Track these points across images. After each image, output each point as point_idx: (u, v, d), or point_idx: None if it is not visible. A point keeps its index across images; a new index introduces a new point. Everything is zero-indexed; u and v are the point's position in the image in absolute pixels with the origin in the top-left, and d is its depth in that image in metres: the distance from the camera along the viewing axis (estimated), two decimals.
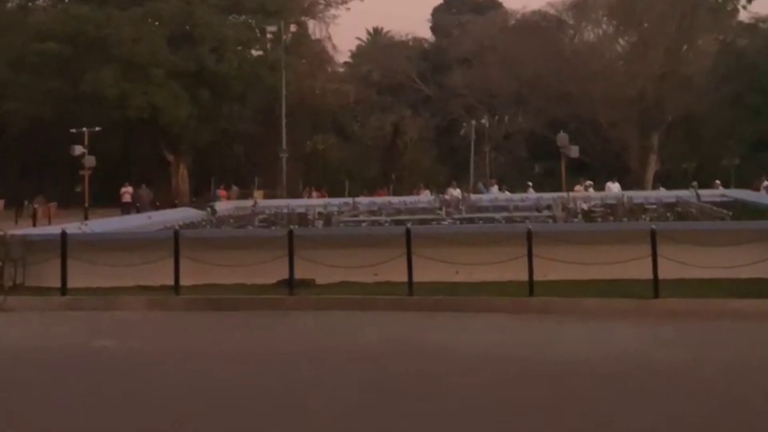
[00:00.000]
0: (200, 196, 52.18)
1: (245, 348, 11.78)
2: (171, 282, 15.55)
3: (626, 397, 8.71)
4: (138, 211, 41.90)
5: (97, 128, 48.11)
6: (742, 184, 42.92)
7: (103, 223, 23.20)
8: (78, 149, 46.34)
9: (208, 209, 27.53)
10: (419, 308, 14.25)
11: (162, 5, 57.04)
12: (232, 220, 25.38)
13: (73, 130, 47.75)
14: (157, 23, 58.72)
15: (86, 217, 36.38)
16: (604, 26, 65.32)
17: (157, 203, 46.34)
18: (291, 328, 13.41)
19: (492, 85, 62.51)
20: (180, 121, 56.24)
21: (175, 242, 15.78)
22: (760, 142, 56.63)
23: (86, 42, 54.99)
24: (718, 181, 41.02)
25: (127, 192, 48.15)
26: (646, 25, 60.93)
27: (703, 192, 30.55)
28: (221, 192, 48.62)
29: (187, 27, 59.16)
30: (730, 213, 21.14)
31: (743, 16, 63.20)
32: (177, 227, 18.23)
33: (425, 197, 36.62)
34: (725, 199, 28.22)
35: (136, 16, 56.31)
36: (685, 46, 60.89)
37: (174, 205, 42.89)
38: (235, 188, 49.52)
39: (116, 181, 48.88)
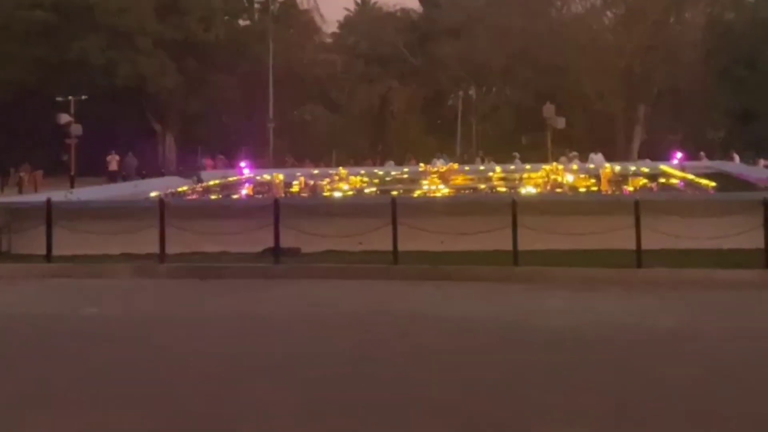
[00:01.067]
0: (186, 165, 51.94)
1: (226, 316, 11.78)
2: (156, 250, 15.50)
3: (609, 363, 8.75)
4: (124, 179, 41.76)
5: (83, 97, 47.78)
6: (727, 157, 43.04)
7: (89, 191, 23.12)
8: (64, 118, 46.08)
9: (194, 178, 27.46)
10: (404, 277, 14.26)
11: None
12: (218, 189, 25.31)
13: (60, 99, 47.40)
14: None
15: (72, 186, 36.28)
16: None
17: (144, 172, 46.15)
18: (275, 296, 13.39)
19: (480, 57, 62.06)
20: (167, 90, 55.91)
21: (161, 211, 15.73)
22: (745, 114, 56.70)
23: (73, 10, 54.47)
24: (702, 153, 41.08)
25: (113, 160, 47.94)
26: None
27: (688, 164, 30.63)
28: (207, 161, 48.41)
29: None
30: (714, 184, 21.19)
31: None
32: (163, 195, 18.19)
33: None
34: (710, 170, 28.30)
35: None
36: (672, 19, 60.73)
37: (160, 174, 42.75)
38: (221, 157, 49.29)
39: (103, 149, 48.57)
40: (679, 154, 34.28)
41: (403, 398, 7.59)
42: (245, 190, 25.16)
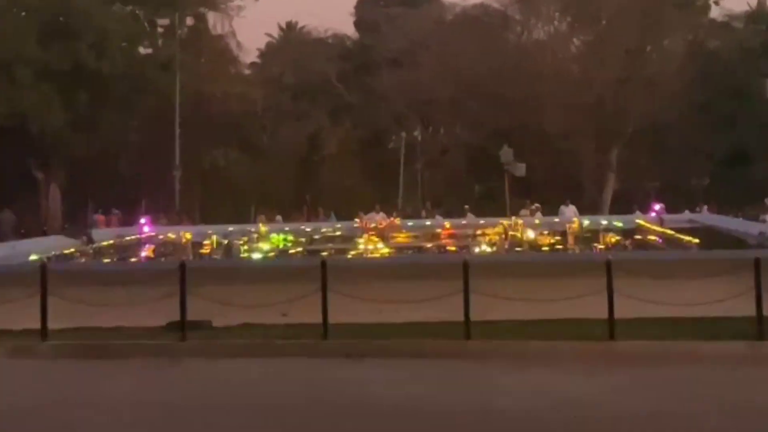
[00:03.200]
0: (74, 221, 51.38)
1: (115, 405, 11.63)
2: (37, 325, 15.31)
3: None
4: None
5: None
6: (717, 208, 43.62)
7: None
8: None
9: (84, 237, 27.25)
10: (335, 354, 14.28)
11: None
12: (112, 251, 25.16)
13: None
14: (24, 13, 57.85)
15: None
16: (556, 23, 66.10)
17: (22, 230, 45.53)
18: (179, 378, 13.33)
19: (426, 90, 62.67)
20: (51, 130, 55.30)
21: (42, 277, 15.56)
22: (734, 156, 57.64)
23: None
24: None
25: None
26: (604, 22, 61.91)
27: (668, 216, 31.21)
28: (99, 217, 47.96)
29: (62, 18, 58.35)
30: (697, 241, 21.64)
31: (715, 13, 64.72)
32: (46, 259, 18.02)
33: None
34: (692, 224, 28.90)
35: None
36: (648, 47, 61.98)
37: (43, 233, 42.22)
38: (116, 212, 48.85)
39: None
40: (657, 206, 34.95)
41: None
42: (145, 252, 25.06)
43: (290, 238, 28.37)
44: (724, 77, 59.03)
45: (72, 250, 24.44)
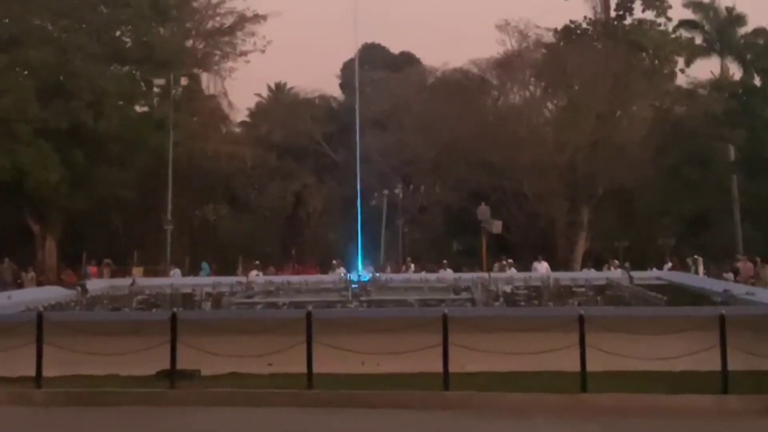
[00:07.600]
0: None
1: None
2: (32, 372, 15.19)
3: None
4: None
5: None
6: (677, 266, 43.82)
7: None
8: None
9: (79, 288, 27.07)
10: (319, 404, 14.22)
11: (32, 52, 56.15)
12: (105, 301, 25.01)
13: None
14: (25, 73, 57.82)
15: None
16: (531, 88, 66.63)
17: (19, 280, 45.25)
18: (168, 427, 13.20)
19: (407, 151, 63.07)
20: (49, 185, 55.05)
21: (38, 326, 15.46)
22: (699, 219, 58.00)
23: None
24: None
25: None
26: (576, 87, 62.40)
27: (636, 274, 31.22)
28: (91, 268, 47.77)
29: (61, 78, 58.31)
30: (665, 297, 21.65)
31: (681, 80, 65.35)
32: (41, 309, 17.88)
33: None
34: (660, 282, 28.93)
35: (0, 65, 55.45)
36: (618, 112, 62.39)
37: (39, 283, 41.95)
38: (107, 261, 48.68)
39: None
40: (627, 264, 35.08)
41: None
42: (137, 303, 24.92)
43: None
44: (690, 142, 59.40)
45: (67, 300, 24.29)
